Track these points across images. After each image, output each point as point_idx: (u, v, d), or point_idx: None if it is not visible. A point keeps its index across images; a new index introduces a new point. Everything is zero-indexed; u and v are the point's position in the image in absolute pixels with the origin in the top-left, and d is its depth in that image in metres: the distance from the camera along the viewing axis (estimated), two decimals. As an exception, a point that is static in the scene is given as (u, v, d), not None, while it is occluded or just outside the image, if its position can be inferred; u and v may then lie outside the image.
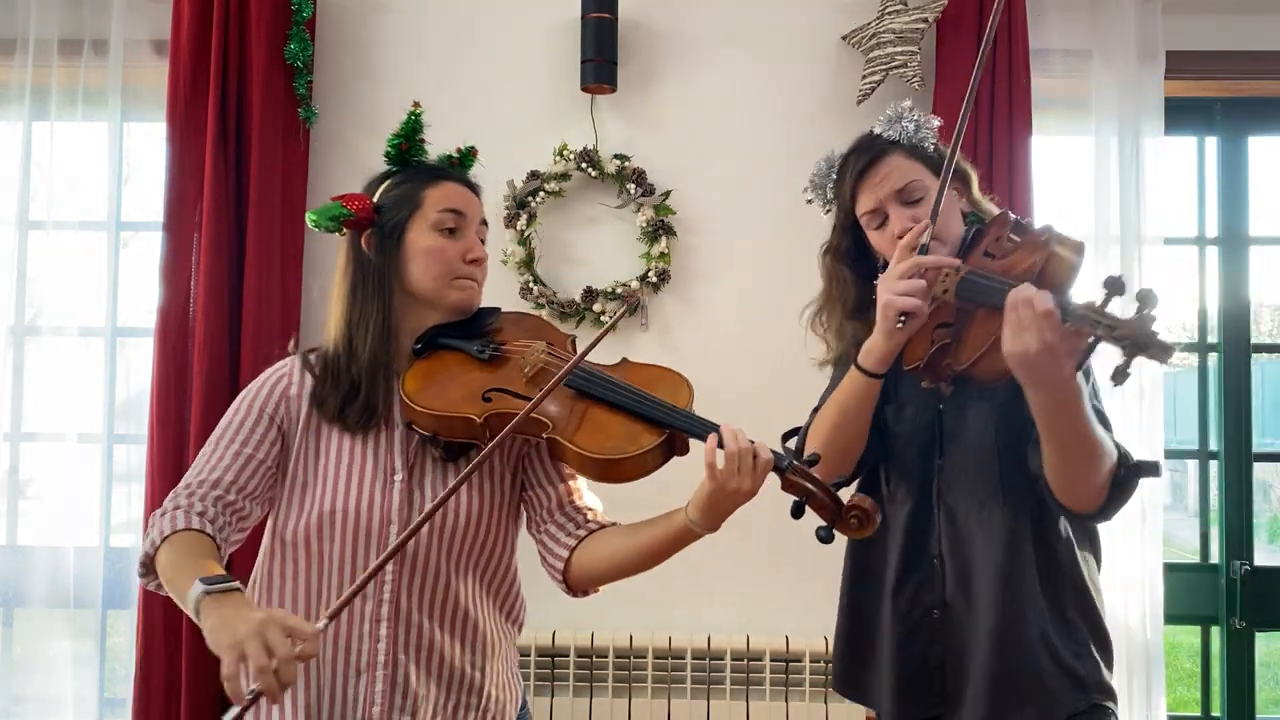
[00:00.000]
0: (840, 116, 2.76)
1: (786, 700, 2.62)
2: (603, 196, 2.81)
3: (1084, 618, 1.58)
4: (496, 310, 1.60)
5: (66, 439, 2.80)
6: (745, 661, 2.64)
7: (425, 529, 1.43)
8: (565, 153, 2.75)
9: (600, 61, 2.71)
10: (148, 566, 1.37)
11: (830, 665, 1.86)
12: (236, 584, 1.26)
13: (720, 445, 1.34)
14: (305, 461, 1.48)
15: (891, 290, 1.48)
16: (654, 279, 2.75)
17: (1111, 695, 1.58)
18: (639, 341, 2.77)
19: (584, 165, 2.75)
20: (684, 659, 2.64)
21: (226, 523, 1.40)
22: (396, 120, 1.59)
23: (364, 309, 1.49)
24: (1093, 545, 1.64)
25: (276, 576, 1.47)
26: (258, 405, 1.49)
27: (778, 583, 2.73)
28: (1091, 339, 1.32)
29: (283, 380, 1.52)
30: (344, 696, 1.43)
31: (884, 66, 2.67)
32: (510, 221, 2.75)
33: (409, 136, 1.57)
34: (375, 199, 1.54)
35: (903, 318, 1.47)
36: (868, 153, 1.65)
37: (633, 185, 2.75)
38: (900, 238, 1.57)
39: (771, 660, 2.63)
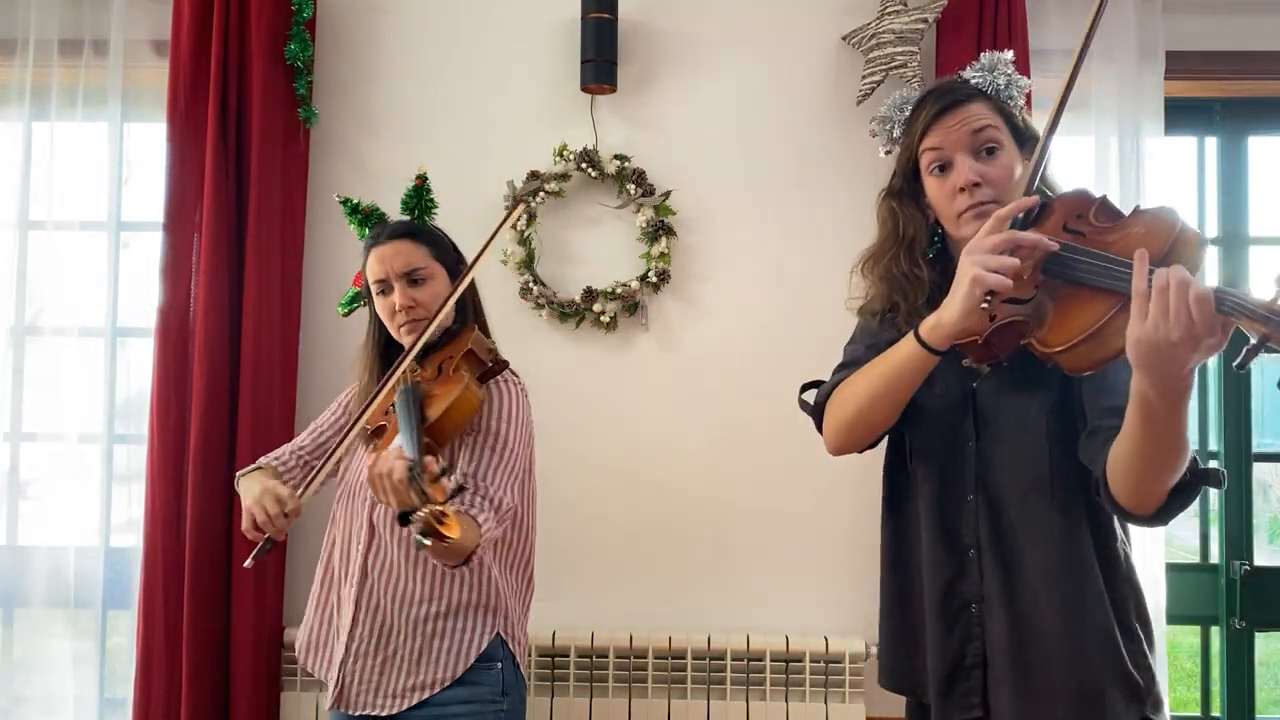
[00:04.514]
0: (840, 116, 2.77)
1: (787, 700, 2.62)
2: (603, 196, 2.81)
3: (1142, 624, 1.48)
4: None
5: (66, 439, 2.80)
6: (746, 661, 2.64)
7: None
8: (565, 153, 2.75)
9: (600, 61, 2.71)
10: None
11: (876, 662, 1.71)
12: (259, 465, 1.95)
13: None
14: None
15: (983, 264, 1.30)
16: (654, 279, 2.75)
17: (1162, 709, 1.46)
18: (639, 342, 2.77)
19: (584, 165, 2.75)
20: (684, 659, 2.64)
21: (296, 465, 1.99)
22: (396, 120, 1.60)
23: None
24: (1129, 545, 1.54)
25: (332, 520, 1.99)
26: (342, 404, 2.09)
27: (779, 583, 2.73)
28: (1256, 339, 1.12)
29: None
30: (337, 597, 1.88)
31: (884, 66, 2.67)
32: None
33: (405, 204, 1.98)
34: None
35: (989, 297, 1.30)
36: (951, 95, 1.52)
37: (633, 185, 2.75)
38: (962, 190, 1.46)
39: (772, 660, 2.63)
